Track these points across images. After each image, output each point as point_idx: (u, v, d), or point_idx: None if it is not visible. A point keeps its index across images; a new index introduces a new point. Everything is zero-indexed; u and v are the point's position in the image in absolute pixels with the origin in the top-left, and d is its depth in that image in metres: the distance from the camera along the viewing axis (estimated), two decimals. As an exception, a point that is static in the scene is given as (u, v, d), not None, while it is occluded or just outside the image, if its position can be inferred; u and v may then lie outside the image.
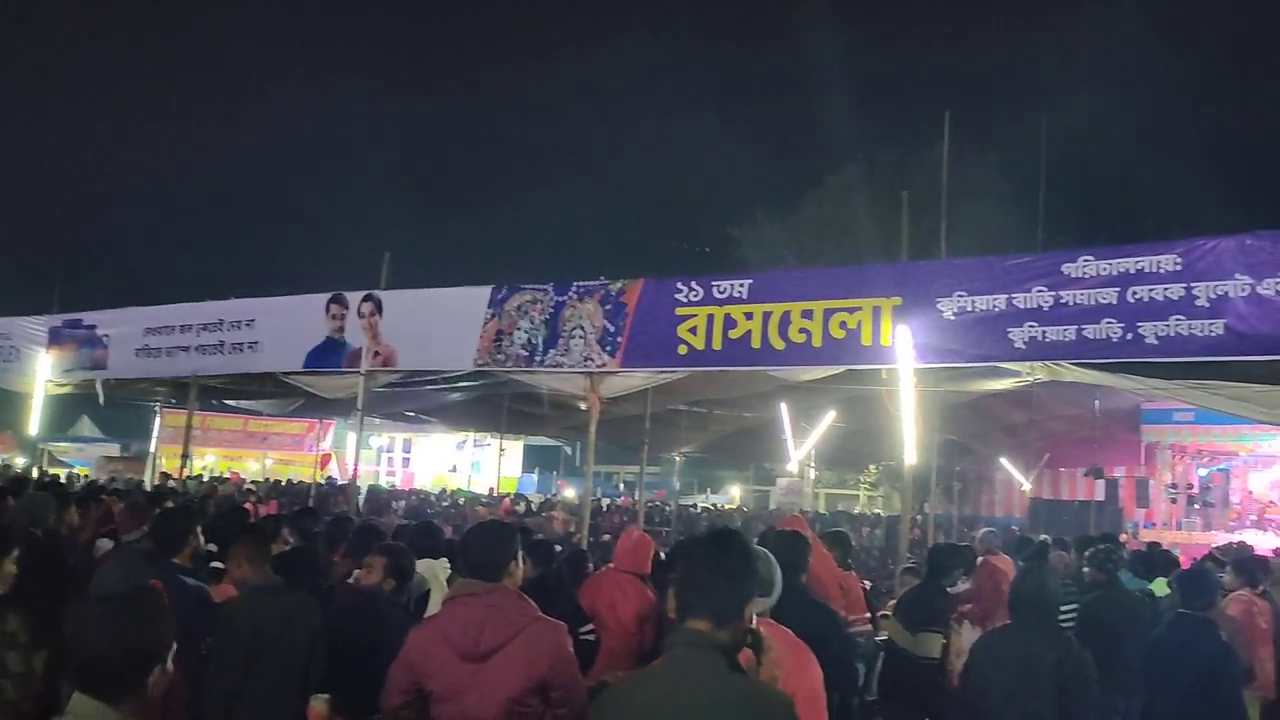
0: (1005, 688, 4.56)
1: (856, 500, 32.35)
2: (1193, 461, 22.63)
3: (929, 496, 16.44)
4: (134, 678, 2.33)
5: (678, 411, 15.10)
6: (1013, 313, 8.21)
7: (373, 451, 32.50)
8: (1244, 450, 21.95)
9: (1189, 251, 7.66)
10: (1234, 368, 8.59)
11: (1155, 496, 21.77)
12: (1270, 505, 22.18)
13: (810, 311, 9.00)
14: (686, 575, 2.58)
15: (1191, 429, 21.05)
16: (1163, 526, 21.09)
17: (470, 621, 3.68)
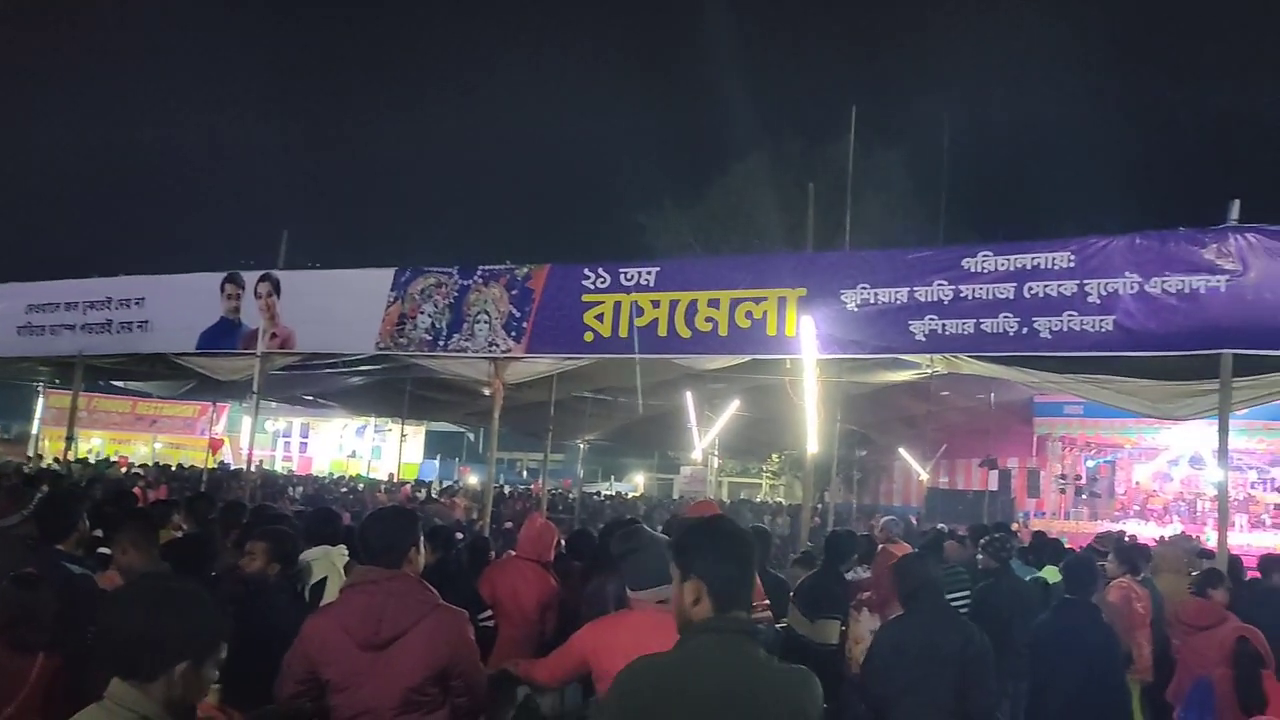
0: (908, 674, 4.63)
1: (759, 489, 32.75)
2: (1081, 453, 23.47)
3: (830, 485, 16.71)
4: (158, 663, 2.37)
5: (583, 399, 15.06)
6: (914, 305, 8.35)
7: (268, 436, 31.76)
8: (1129, 443, 22.81)
9: (1082, 249, 7.88)
10: (1122, 363, 8.89)
11: (1045, 487, 22.49)
12: (1153, 495, 23.11)
13: (717, 300, 9.04)
14: (718, 567, 2.60)
15: (1081, 422, 21.81)
16: (1052, 516, 21.81)
17: (369, 609, 3.59)
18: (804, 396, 9.07)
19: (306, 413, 29.42)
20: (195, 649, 2.42)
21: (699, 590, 2.58)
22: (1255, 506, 22.03)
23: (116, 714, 2.35)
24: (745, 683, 2.52)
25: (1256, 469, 22.15)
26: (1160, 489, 23.22)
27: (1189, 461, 22.29)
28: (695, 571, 2.60)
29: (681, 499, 22.97)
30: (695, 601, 2.58)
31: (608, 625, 3.86)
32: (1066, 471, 23.04)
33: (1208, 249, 7.47)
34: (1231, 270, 7.37)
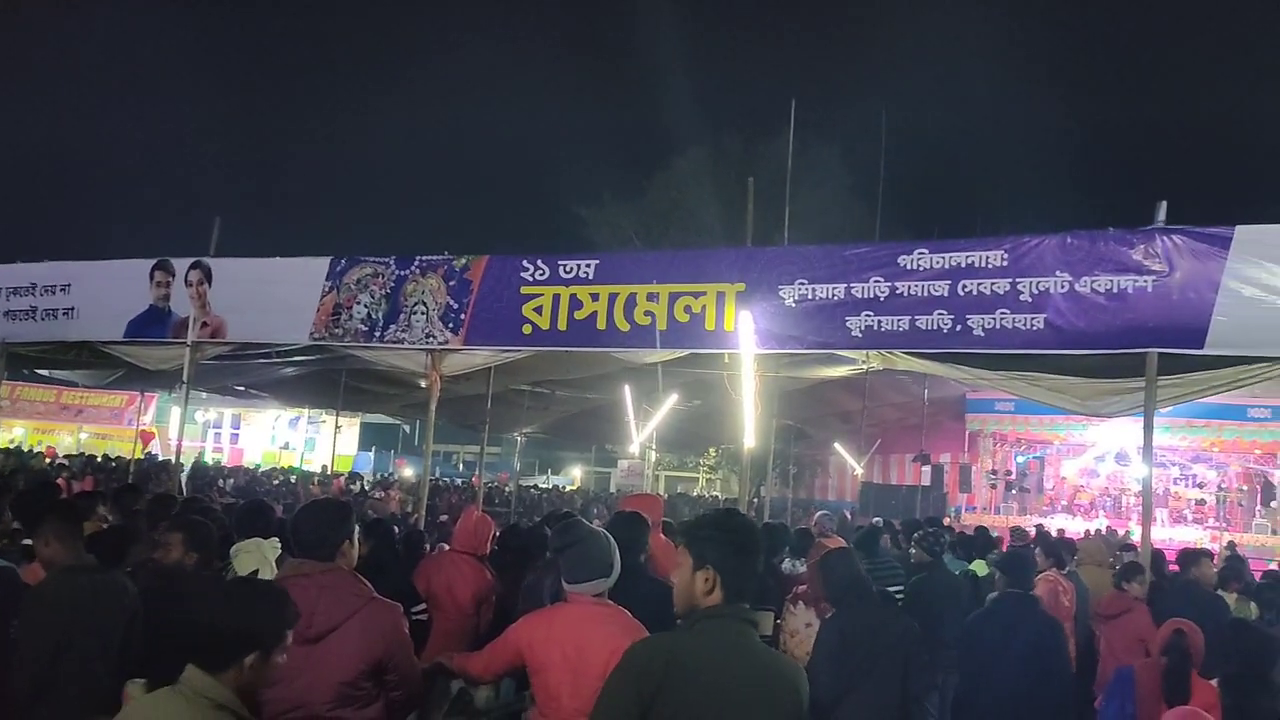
0: (858, 665, 4.68)
1: (696, 483, 32.88)
2: (1011, 449, 23.95)
3: (766, 480, 16.81)
4: (232, 654, 2.60)
5: (520, 391, 14.97)
6: (851, 302, 8.43)
7: (199, 427, 31.16)
8: (1058, 439, 23.34)
9: (1015, 248, 8.01)
10: (1052, 360, 9.06)
11: (977, 482, 22.92)
12: (1080, 490, 23.67)
13: (656, 294, 9.04)
14: (730, 558, 2.76)
15: (1012, 418, 22.29)
16: (983, 510, 22.26)
17: (302, 603, 3.52)
18: (742, 391, 9.10)
19: (238, 403, 28.88)
20: (265, 640, 2.66)
21: (713, 580, 2.73)
22: (1176, 502, 22.67)
23: (194, 701, 2.54)
24: (756, 668, 2.72)
25: (1179, 465, 22.78)
26: (1087, 484, 23.79)
27: (1115, 458, 22.84)
28: (710, 562, 2.75)
29: (619, 493, 22.98)
30: (709, 591, 2.73)
31: (544, 618, 3.84)
32: (997, 467, 23.50)
33: (1136, 249, 7.64)
34: (1158, 271, 7.54)
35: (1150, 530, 8.35)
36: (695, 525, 2.89)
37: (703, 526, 2.86)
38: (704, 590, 2.75)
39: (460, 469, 37.80)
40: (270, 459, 31.44)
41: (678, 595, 2.82)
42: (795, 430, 19.76)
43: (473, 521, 6.39)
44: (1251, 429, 20.89)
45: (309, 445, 32.69)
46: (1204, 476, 22.84)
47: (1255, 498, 21.74)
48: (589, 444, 31.94)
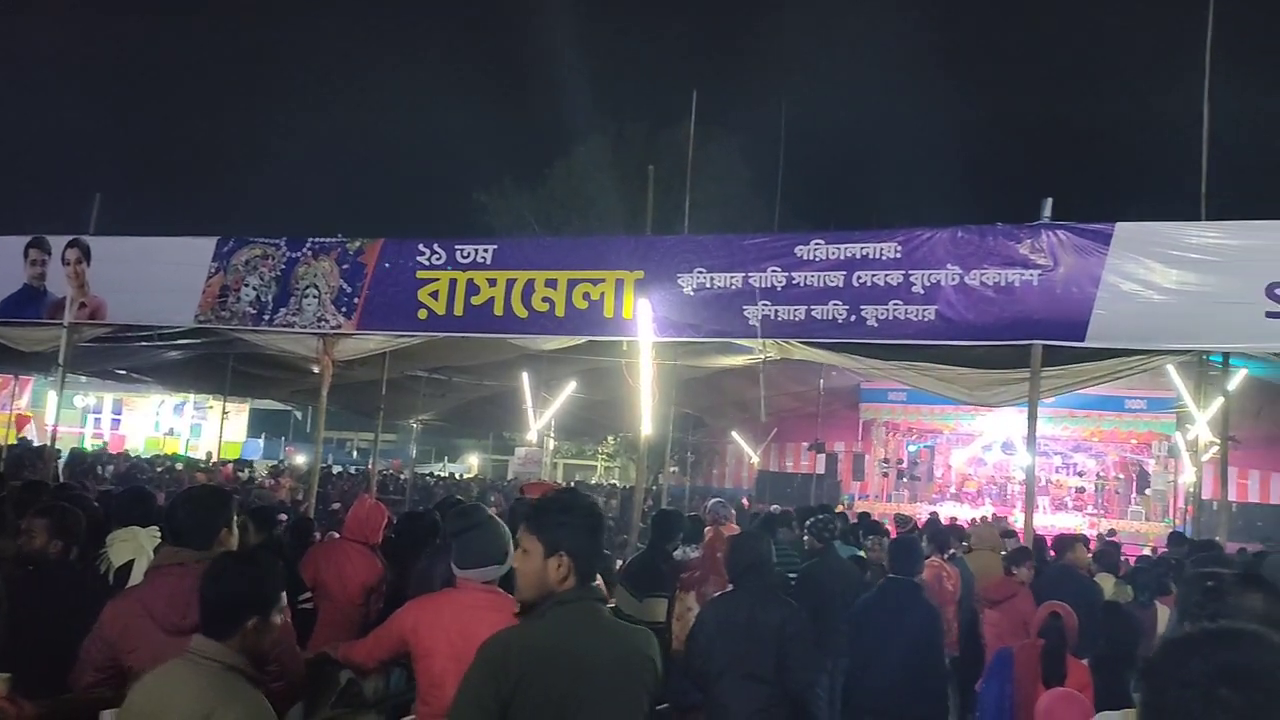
0: (730, 651, 4.71)
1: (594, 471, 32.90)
2: (903, 438, 24.53)
3: (664, 467, 16.88)
4: (233, 621, 2.78)
5: (416, 378, 14.75)
6: (749, 291, 8.50)
7: (77, 412, 29.96)
8: (948, 429, 23.97)
9: (908, 240, 8.18)
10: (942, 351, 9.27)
11: (869, 470, 23.40)
12: (968, 479, 24.36)
13: (554, 281, 8.98)
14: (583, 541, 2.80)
15: (904, 408, 22.81)
16: (875, 498, 22.74)
17: (177, 593, 3.40)
18: (639, 379, 9.11)
19: (120, 388, 27.84)
20: (261, 604, 2.85)
21: (568, 565, 2.73)
22: (1058, 490, 23.51)
23: (202, 665, 2.72)
24: (614, 645, 2.77)
25: (1061, 455, 23.61)
26: (975, 473, 24.50)
27: (1001, 447, 23.55)
28: (564, 548, 2.74)
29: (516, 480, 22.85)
30: (564, 577, 2.73)
31: (432, 603, 3.78)
32: (889, 455, 24.05)
33: (1022, 244, 7.86)
34: (1043, 265, 7.77)
35: (1032, 517, 8.62)
36: (542, 512, 2.85)
37: (551, 512, 2.83)
38: (559, 576, 2.74)
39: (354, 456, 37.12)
40: (154, 446, 30.40)
41: (526, 583, 2.79)
42: (694, 419, 19.91)
43: (365, 509, 6.25)
44: (1128, 420, 21.75)
45: (195, 432, 31.71)
46: (1084, 465, 23.71)
47: (1131, 486, 22.65)
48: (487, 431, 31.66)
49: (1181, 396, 13.18)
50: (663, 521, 6.96)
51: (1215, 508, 9.72)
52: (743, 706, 4.69)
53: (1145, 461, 22.30)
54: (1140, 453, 22.49)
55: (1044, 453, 22.62)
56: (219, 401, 21.38)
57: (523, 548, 2.83)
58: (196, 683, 2.69)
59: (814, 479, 20.03)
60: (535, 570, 2.77)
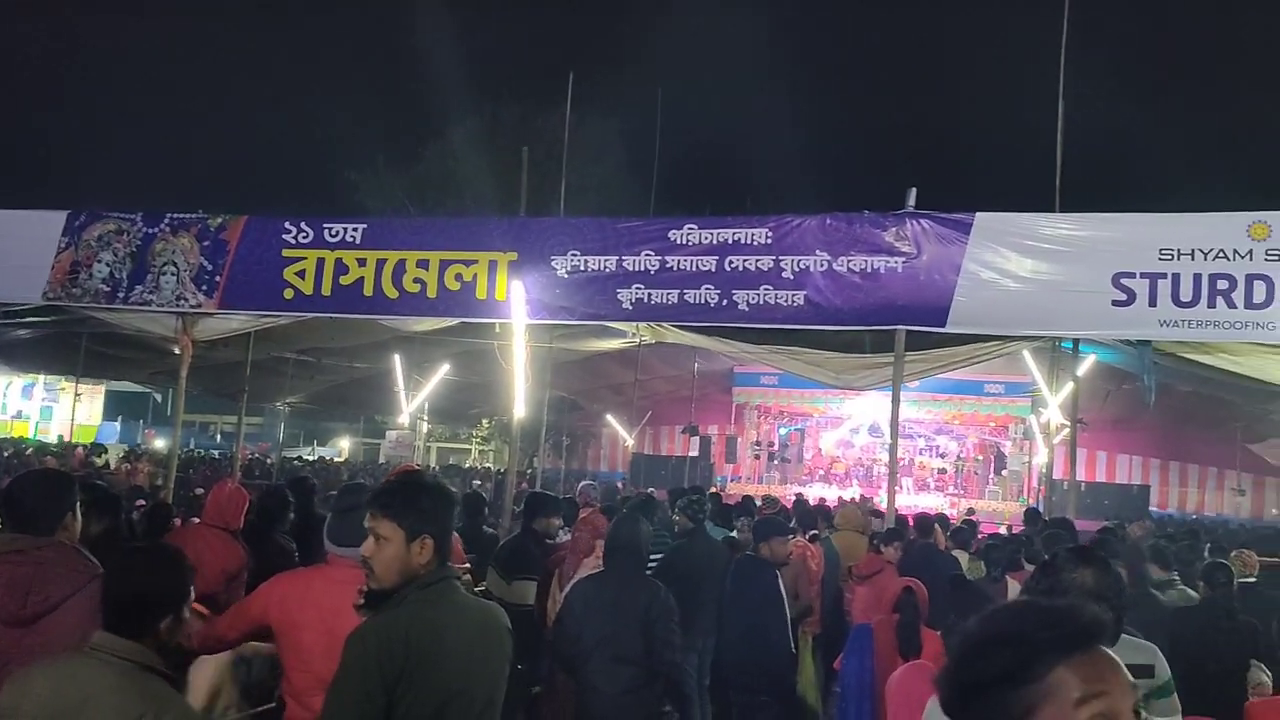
0: (597, 632, 4.73)
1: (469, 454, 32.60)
2: (775, 421, 25.05)
3: (539, 451, 16.85)
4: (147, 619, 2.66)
5: (283, 359, 14.34)
6: (622, 274, 8.52)
7: (-83, 394, 28.24)
8: (818, 412, 24.57)
9: (779, 227, 8.31)
10: (811, 335, 9.48)
11: (742, 453, 23.81)
12: (836, 461, 25.01)
13: (426, 261, 8.84)
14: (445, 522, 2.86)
15: (775, 392, 23.26)
16: (747, 480, 23.15)
17: (14, 581, 3.23)
18: (513, 361, 9.05)
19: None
20: (176, 603, 2.74)
21: (428, 547, 2.76)
22: (921, 471, 24.36)
23: (114, 664, 2.58)
24: (479, 620, 2.85)
25: (925, 437, 24.47)
26: (843, 455, 25.18)
27: (869, 430, 24.26)
28: (428, 530, 2.76)
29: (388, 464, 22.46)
30: (428, 559, 2.76)
31: (300, 577, 3.70)
32: (761, 438, 24.53)
33: (888, 232, 8.07)
34: (907, 253, 8.00)
35: (895, 497, 8.91)
36: (397, 496, 2.84)
37: (408, 496, 2.83)
38: (424, 560, 2.75)
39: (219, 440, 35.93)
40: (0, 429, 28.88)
41: (386, 569, 2.75)
42: (569, 402, 19.89)
43: (225, 494, 6.06)
44: (988, 403, 22.63)
45: (45, 414, 30.19)
46: (945, 447, 24.62)
47: (989, 467, 23.61)
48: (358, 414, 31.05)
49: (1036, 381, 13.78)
50: (532, 503, 6.94)
51: (1065, 487, 10.18)
52: (611, 687, 4.71)
53: (1002, 443, 23.25)
54: (998, 435, 23.43)
55: (908, 435, 23.40)
56: (71, 383, 20.40)
57: (379, 534, 2.79)
58: (114, 683, 2.55)
59: (688, 461, 20.26)
60: (397, 555, 2.74)
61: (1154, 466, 24.71)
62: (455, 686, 2.67)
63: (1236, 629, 5.10)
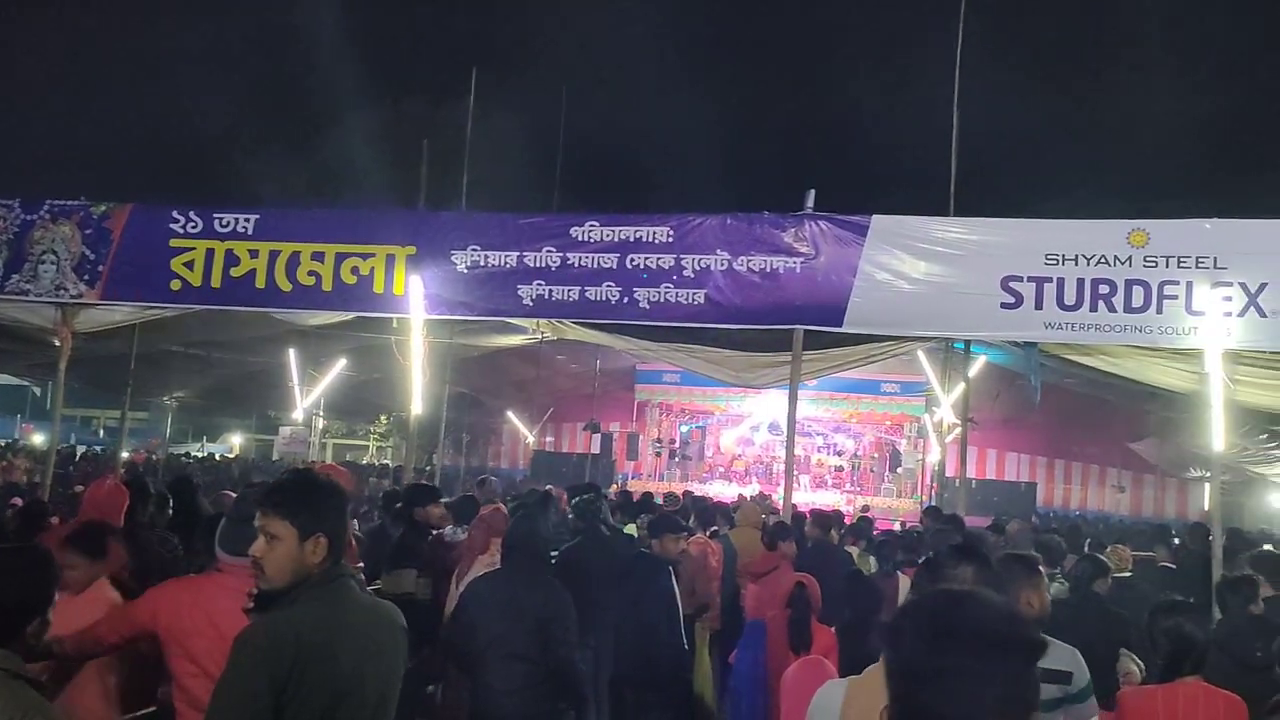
0: (491, 630, 4.68)
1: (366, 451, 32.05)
2: (676, 419, 25.18)
3: (438, 448, 16.64)
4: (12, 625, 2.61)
5: (171, 352, 13.89)
6: (523, 270, 8.46)
7: None
8: (719, 410, 24.78)
9: (680, 225, 8.34)
10: (712, 334, 9.55)
11: (643, 450, 23.88)
12: (736, 458, 25.25)
13: (321, 254, 8.65)
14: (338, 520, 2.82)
15: (677, 389, 23.39)
16: (648, 477, 23.24)
17: None
18: (411, 357, 8.93)
19: None
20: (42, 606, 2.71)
21: (322, 545, 2.72)
22: (820, 468, 24.74)
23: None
24: (374, 617, 2.82)
25: (823, 435, 24.86)
26: (743, 452, 25.44)
27: (768, 428, 24.55)
28: (322, 528, 2.71)
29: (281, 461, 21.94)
30: (322, 557, 2.72)
31: (190, 584, 3.60)
32: (663, 436, 24.63)
33: (786, 233, 8.17)
34: (805, 253, 8.10)
35: (792, 494, 9.02)
36: (290, 493, 2.80)
37: (303, 493, 2.79)
38: (318, 558, 2.71)
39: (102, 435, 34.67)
40: None
41: (279, 569, 2.70)
42: (470, 398, 19.71)
43: (103, 491, 5.85)
44: (884, 402, 23.12)
45: (-87, 409, 28.82)
46: (843, 445, 25.05)
47: (885, 464, 24.10)
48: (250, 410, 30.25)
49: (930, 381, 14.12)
50: (410, 494, 6.84)
51: (957, 484, 10.45)
52: (506, 685, 4.67)
53: (898, 441, 23.75)
54: (894, 433, 23.95)
55: (807, 433, 23.77)
56: (-58, 376, 19.46)
57: (270, 533, 2.73)
58: None
59: (589, 459, 20.24)
60: (290, 554, 2.70)
61: (1041, 464, 25.57)
62: (346, 687, 2.61)
63: (1106, 621, 5.28)
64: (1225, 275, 7.38)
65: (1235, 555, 7.57)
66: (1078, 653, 3.48)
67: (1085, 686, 3.40)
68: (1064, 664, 3.36)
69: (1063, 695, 3.34)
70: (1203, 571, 7.19)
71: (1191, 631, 3.52)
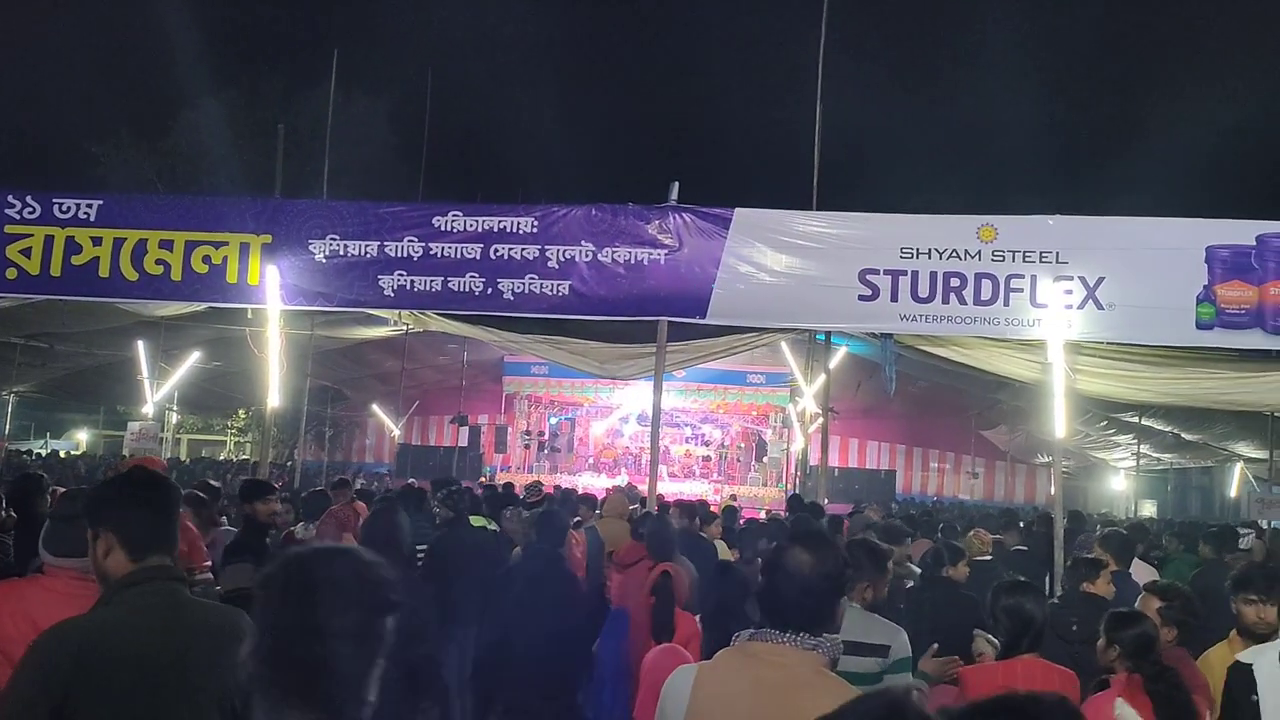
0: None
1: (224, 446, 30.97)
2: (546, 411, 25.09)
3: (299, 442, 16.19)
4: None
5: (9, 344, 13.17)
6: (384, 260, 8.30)
7: None
8: (588, 401, 24.79)
9: (545, 216, 8.31)
10: (578, 325, 9.55)
11: (512, 443, 23.73)
12: (606, 449, 25.32)
13: (170, 242, 8.33)
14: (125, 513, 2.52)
15: (546, 381, 23.30)
16: (517, 470, 23.07)
17: None
18: (267, 349, 8.65)
19: None
20: None
21: (110, 542, 2.47)
22: (687, 459, 25.02)
23: None
24: (189, 627, 2.49)
25: (691, 426, 25.13)
26: (612, 443, 25.52)
27: (637, 419, 24.67)
28: (103, 524, 2.48)
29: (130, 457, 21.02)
30: (107, 554, 2.47)
31: (12, 587, 3.37)
32: (532, 428, 24.51)
33: (651, 224, 8.22)
34: (669, 245, 8.17)
35: (656, 484, 9.10)
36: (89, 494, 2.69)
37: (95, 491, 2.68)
38: (103, 555, 2.49)
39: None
40: None
41: (94, 572, 2.54)
42: (332, 391, 19.26)
43: (-72, 492, 5.50)
44: (750, 393, 23.49)
45: None
46: (710, 435, 25.38)
47: (751, 454, 24.52)
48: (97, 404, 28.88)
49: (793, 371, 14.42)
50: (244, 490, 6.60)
51: (820, 473, 10.70)
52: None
53: (764, 431, 24.20)
54: (760, 423, 24.38)
55: (675, 424, 24.02)
56: None
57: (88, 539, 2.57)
58: None
59: (456, 452, 20.01)
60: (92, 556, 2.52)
61: (900, 452, 26.43)
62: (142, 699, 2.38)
63: (957, 604, 5.48)
64: (1067, 270, 7.74)
65: (1074, 537, 7.96)
66: (901, 631, 3.69)
67: (903, 659, 3.61)
68: (884, 639, 3.60)
69: (880, 669, 3.56)
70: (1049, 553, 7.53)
71: (1030, 610, 3.67)
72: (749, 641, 2.32)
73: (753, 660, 2.28)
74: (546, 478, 21.23)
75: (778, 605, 2.32)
